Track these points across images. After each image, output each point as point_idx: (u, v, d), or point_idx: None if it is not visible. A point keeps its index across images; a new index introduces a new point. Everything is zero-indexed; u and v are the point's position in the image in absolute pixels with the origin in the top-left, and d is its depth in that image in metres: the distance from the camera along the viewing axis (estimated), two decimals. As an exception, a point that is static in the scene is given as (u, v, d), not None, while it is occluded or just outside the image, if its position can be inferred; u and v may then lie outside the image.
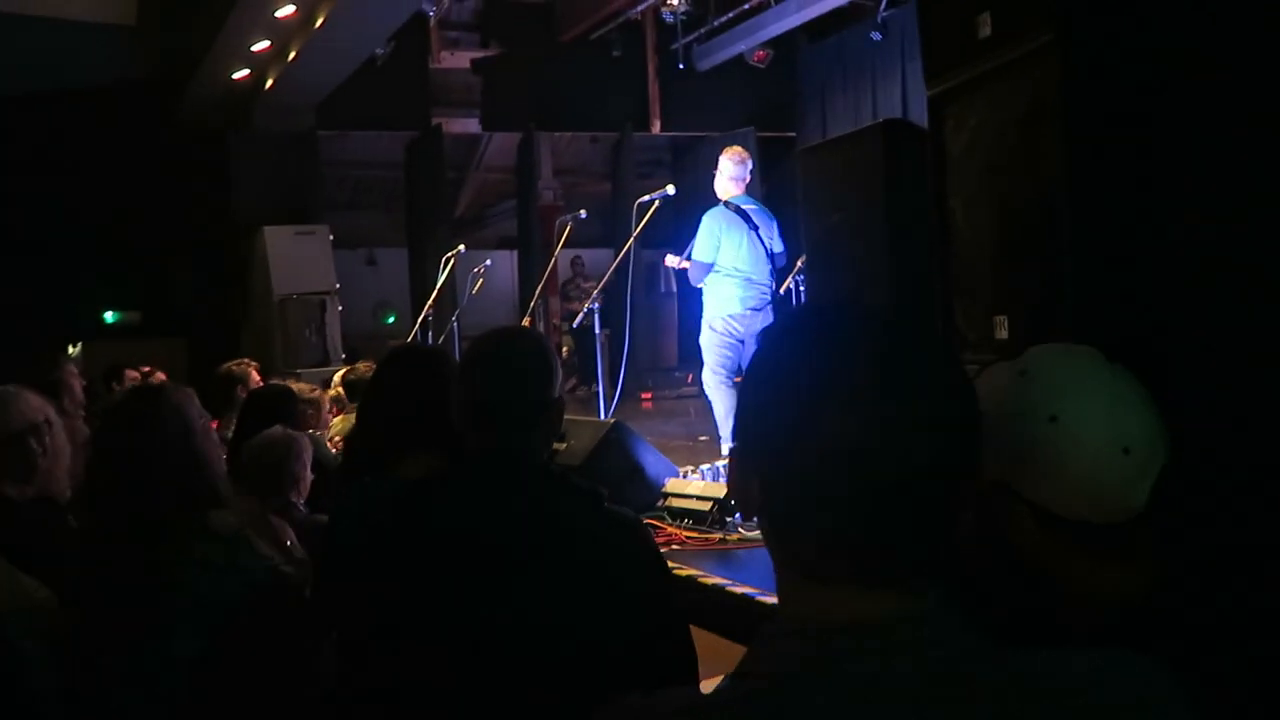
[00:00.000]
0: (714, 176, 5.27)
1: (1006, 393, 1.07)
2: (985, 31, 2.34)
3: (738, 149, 5.42)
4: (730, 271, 5.11)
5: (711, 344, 5.13)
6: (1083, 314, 2.04)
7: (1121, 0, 2.13)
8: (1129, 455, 1.04)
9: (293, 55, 7.95)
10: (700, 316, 5.32)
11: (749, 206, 5.16)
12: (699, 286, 5.27)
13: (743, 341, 5.14)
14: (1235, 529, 1.73)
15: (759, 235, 5.13)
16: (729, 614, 2.93)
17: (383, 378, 2.07)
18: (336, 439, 3.95)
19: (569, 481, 1.59)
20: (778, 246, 5.26)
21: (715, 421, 5.21)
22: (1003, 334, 2.32)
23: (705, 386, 5.23)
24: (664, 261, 5.42)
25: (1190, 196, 1.94)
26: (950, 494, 0.73)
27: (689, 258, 5.36)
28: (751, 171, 5.39)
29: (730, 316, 5.09)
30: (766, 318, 5.21)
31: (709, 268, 5.09)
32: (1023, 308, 2.26)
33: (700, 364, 5.29)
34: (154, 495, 1.76)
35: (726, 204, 5.16)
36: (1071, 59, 2.12)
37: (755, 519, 0.79)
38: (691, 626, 1.60)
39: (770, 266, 5.14)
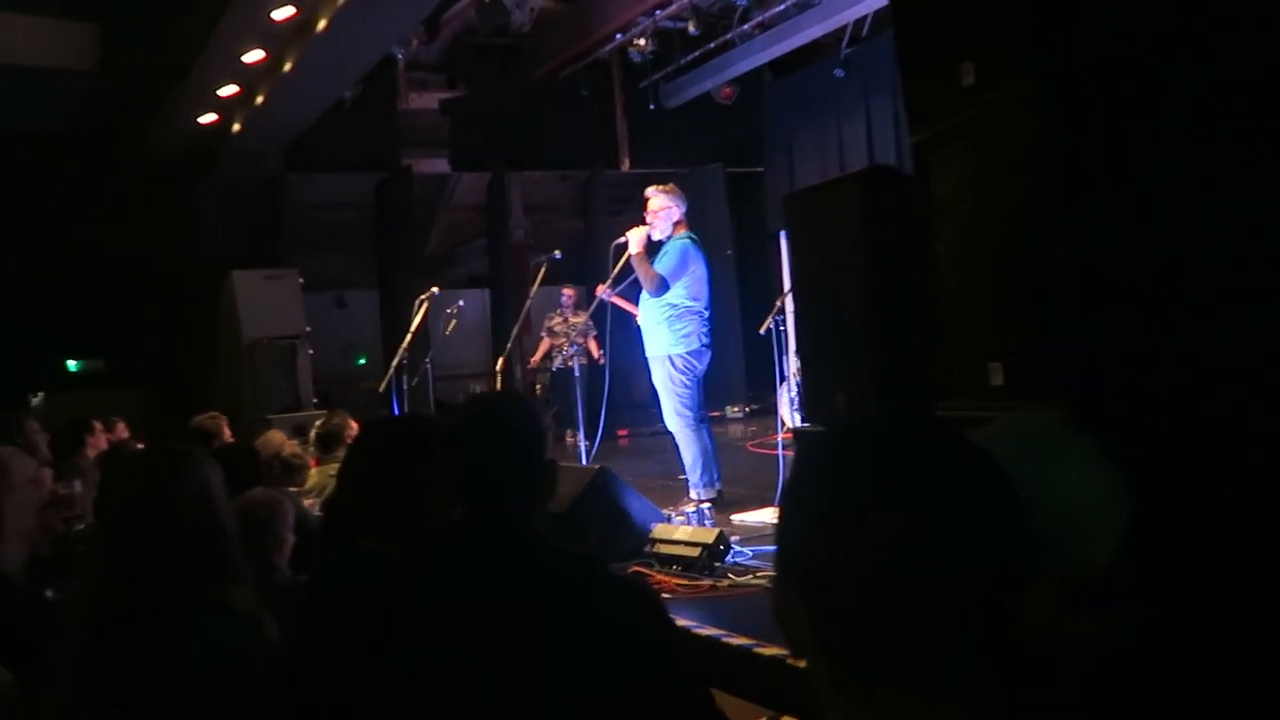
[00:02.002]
0: (651, 214, 5.06)
1: None
2: (968, 79, 2.36)
3: (673, 185, 5.28)
4: (696, 307, 5.00)
5: (676, 382, 4.96)
6: (1081, 361, 2.04)
7: (1103, 45, 2.16)
8: (1091, 512, 1.09)
9: (261, 99, 7.89)
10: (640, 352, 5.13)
11: None
12: (634, 310, 5.07)
13: (700, 380, 5.03)
14: (1215, 577, 1.73)
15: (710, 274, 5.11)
16: (726, 667, 2.88)
17: (359, 453, 1.99)
18: (312, 495, 3.86)
19: (563, 549, 1.55)
20: None
21: (684, 464, 5.05)
22: (998, 380, 2.31)
23: (672, 428, 5.04)
24: (596, 291, 5.23)
25: (1185, 235, 1.96)
26: (998, 597, 0.73)
27: (619, 293, 5.24)
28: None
29: (690, 354, 4.96)
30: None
31: (668, 288, 4.93)
32: (1018, 354, 2.26)
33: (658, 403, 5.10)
34: (169, 568, 1.68)
35: (692, 238, 5.10)
36: (1056, 105, 2.15)
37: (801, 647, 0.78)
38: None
39: None
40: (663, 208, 5.08)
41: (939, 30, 2.49)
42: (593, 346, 7.99)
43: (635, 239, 5.02)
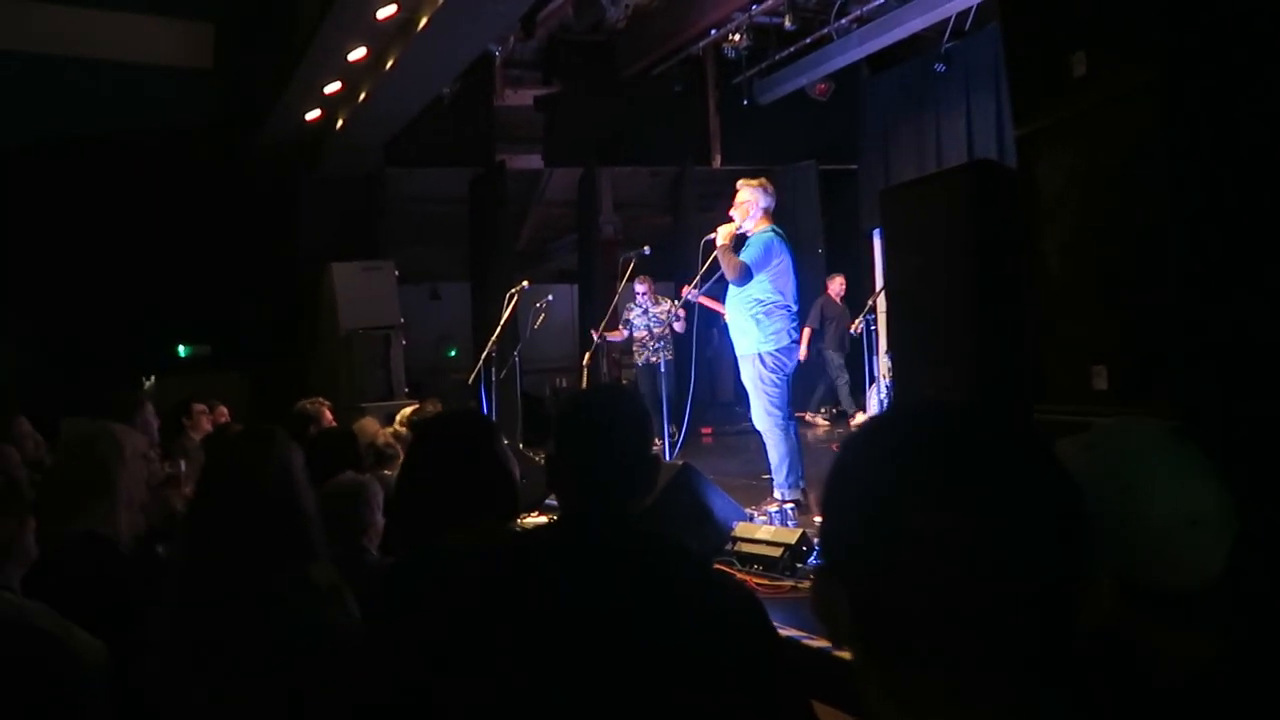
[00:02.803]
0: (737, 206, 5.02)
1: (1072, 465, 1.07)
2: (1080, 70, 2.25)
3: (763, 180, 5.21)
4: (781, 303, 4.93)
5: (765, 380, 4.89)
6: (1193, 367, 1.93)
7: (1228, 33, 2.04)
8: (1198, 526, 1.06)
9: (363, 96, 8.12)
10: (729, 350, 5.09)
11: None
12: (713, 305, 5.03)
13: (789, 378, 4.98)
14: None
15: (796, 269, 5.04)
16: (805, 670, 2.83)
17: (416, 453, 1.96)
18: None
19: (670, 543, 1.52)
20: None
21: (770, 463, 5.00)
22: (1101, 384, 2.21)
23: (760, 426, 4.99)
24: (682, 292, 5.20)
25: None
26: (1059, 598, 0.69)
27: (705, 292, 5.19)
28: None
29: (779, 350, 4.90)
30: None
31: (751, 277, 4.88)
32: (1124, 357, 2.15)
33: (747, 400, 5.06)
34: (257, 543, 1.74)
35: (776, 231, 5.03)
36: (1176, 98, 2.03)
37: (842, 642, 0.75)
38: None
39: None
40: (748, 200, 5.04)
41: (1049, 19, 2.38)
42: (678, 326, 7.77)
43: (724, 234, 5.00)
